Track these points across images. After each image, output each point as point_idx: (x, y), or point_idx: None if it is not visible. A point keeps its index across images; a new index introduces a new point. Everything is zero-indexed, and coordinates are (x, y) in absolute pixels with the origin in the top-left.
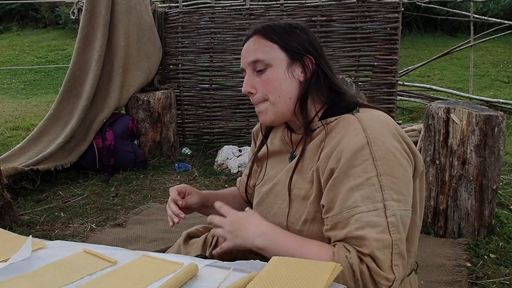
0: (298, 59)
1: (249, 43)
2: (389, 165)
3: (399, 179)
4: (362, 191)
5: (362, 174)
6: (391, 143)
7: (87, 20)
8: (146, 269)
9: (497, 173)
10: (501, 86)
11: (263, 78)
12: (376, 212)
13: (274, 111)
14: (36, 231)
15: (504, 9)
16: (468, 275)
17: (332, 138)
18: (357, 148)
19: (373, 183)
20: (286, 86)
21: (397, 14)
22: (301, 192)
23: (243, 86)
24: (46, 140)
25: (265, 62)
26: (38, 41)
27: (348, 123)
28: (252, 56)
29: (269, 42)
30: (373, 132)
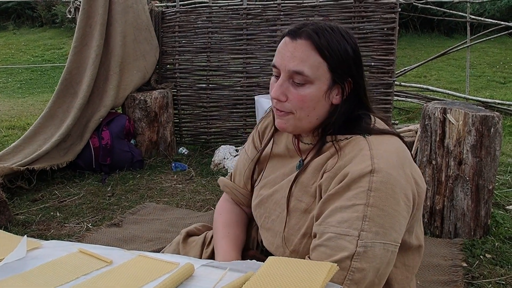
0: (340, 82)
1: (296, 45)
2: (382, 198)
3: (386, 213)
4: (344, 214)
5: (352, 199)
6: (396, 176)
7: (84, 19)
8: (142, 269)
9: (493, 174)
10: (497, 86)
11: (300, 93)
12: (349, 238)
13: (296, 124)
14: (31, 230)
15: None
16: (464, 275)
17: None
18: (359, 175)
19: (357, 210)
20: (319, 108)
21: (394, 14)
22: (302, 205)
23: (274, 90)
24: (42, 138)
25: (308, 79)
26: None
27: (358, 147)
28: (297, 66)
29: (320, 58)
30: (380, 162)
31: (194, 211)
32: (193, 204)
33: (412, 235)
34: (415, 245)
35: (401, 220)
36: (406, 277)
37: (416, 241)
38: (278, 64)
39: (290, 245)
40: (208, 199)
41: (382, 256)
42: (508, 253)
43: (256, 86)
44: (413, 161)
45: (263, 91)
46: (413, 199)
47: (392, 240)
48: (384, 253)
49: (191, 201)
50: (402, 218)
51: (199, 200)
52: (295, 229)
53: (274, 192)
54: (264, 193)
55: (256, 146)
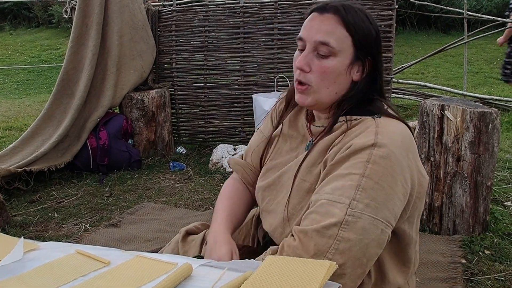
0: (361, 58)
1: (323, 18)
2: (379, 171)
3: (381, 187)
4: (339, 182)
5: (349, 168)
6: (397, 154)
7: (80, 19)
8: (140, 270)
9: (491, 170)
10: (495, 83)
11: (323, 64)
12: (339, 205)
13: (315, 97)
14: (29, 232)
15: (497, 6)
16: (463, 271)
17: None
18: (360, 147)
19: (352, 179)
20: (339, 81)
21: (391, 11)
22: (305, 184)
23: (298, 60)
24: (40, 139)
25: (333, 50)
26: (31, 41)
27: (365, 125)
28: (323, 36)
29: (345, 32)
30: (384, 138)
31: (193, 210)
32: (192, 204)
33: (413, 226)
34: (414, 239)
35: (395, 200)
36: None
37: (415, 234)
38: (305, 36)
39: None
40: (206, 198)
41: (370, 230)
42: (507, 249)
43: (254, 85)
44: (416, 151)
45: (261, 89)
46: (412, 185)
47: (383, 217)
48: (373, 228)
49: (190, 201)
50: (397, 199)
51: (197, 199)
52: (297, 209)
53: (282, 173)
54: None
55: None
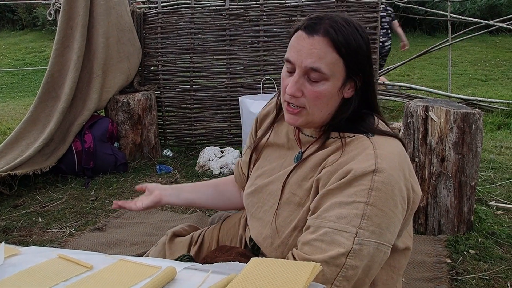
0: (353, 77)
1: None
2: (382, 197)
3: (384, 213)
4: (344, 210)
5: (353, 196)
6: (397, 177)
7: (65, 21)
8: (123, 274)
9: (475, 170)
10: (479, 84)
11: (315, 89)
12: (346, 234)
13: (307, 120)
14: (13, 237)
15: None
16: (448, 271)
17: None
18: (362, 173)
19: (357, 207)
20: (331, 103)
21: (375, 14)
22: (295, 198)
23: (289, 87)
24: (24, 144)
25: (325, 76)
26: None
27: (362, 146)
28: (314, 63)
29: (337, 55)
30: (383, 163)
31: (179, 213)
32: (178, 207)
33: (400, 238)
34: (400, 248)
35: (396, 222)
36: (391, 277)
37: (402, 244)
38: (294, 60)
39: (280, 236)
40: None
41: (375, 255)
42: (491, 248)
43: (240, 87)
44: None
45: (247, 91)
46: (408, 203)
47: (386, 240)
48: (377, 252)
49: None
50: (397, 221)
51: None
52: (286, 221)
53: (269, 182)
54: (259, 182)
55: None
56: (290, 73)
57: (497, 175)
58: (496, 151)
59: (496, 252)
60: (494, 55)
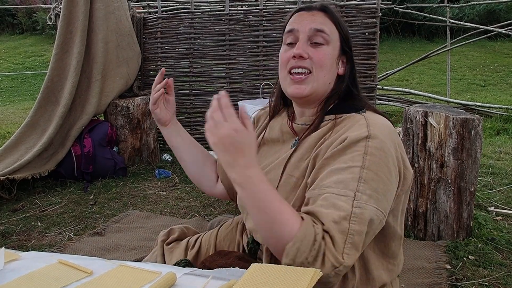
0: (345, 53)
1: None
2: (376, 162)
3: (380, 178)
4: (340, 176)
5: (348, 161)
6: (388, 146)
7: (65, 25)
8: (123, 279)
9: (474, 176)
10: (478, 89)
11: (319, 51)
12: (344, 198)
13: (314, 86)
14: (12, 241)
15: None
16: (448, 277)
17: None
18: (355, 139)
19: (353, 172)
20: (332, 71)
21: (375, 19)
22: (292, 180)
23: (297, 47)
24: (23, 148)
25: (327, 38)
26: (15, 47)
27: (355, 119)
28: (318, 25)
29: (334, 26)
30: (375, 130)
31: (178, 218)
32: (177, 211)
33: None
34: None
35: (391, 190)
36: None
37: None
38: (297, 27)
39: None
40: (192, 205)
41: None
42: (490, 254)
43: (240, 92)
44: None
45: (247, 96)
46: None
47: (382, 208)
48: (376, 219)
49: (175, 208)
50: (392, 189)
51: (183, 207)
52: None
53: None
54: None
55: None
56: (290, 45)
57: (496, 181)
58: (495, 156)
59: (495, 258)
60: (493, 60)
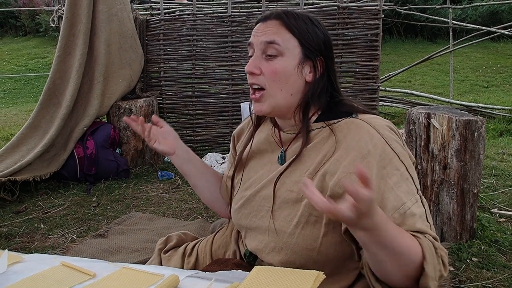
0: (311, 58)
1: (267, 24)
2: (406, 157)
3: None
4: (402, 188)
5: (395, 171)
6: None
7: (68, 28)
8: (126, 282)
9: (477, 177)
10: (481, 90)
11: (272, 65)
12: (417, 204)
13: (271, 103)
14: (15, 243)
15: (482, 15)
16: (451, 279)
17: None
18: (381, 149)
19: (406, 177)
20: (291, 82)
21: (377, 20)
22: (293, 195)
23: (248, 65)
24: (25, 149)
25: (280, 49)
26: (18, 49)
27: (356, 126)
28: (269, 36)
29: (289, 33)
30: (385, 132)
31: (181, 220)
32: (180, 213)
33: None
34: None
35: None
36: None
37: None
38: (253, 40)
39: (282, 238)
40: (195, 207)
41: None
42: (494, 256)
43: (242, 93)
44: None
45: (249, 98)
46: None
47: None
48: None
49: (178, 210)
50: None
51: (186, 208)
52: (287, 220)
53: (261, 188)
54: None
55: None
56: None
57: (499, 182)
58: (498, 158)
59: (499, 260)
60: (495, 61)
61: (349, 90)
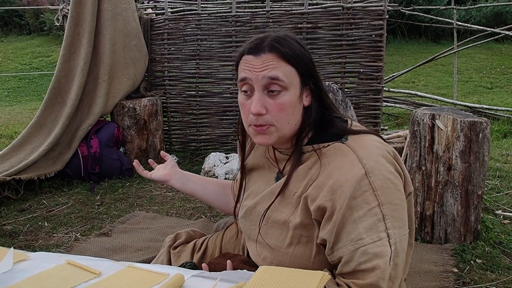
0: (307, 83)
1: (262, 58)
2: (388, 193)
3: (398, 205)
4: (365, 223)
5: (364, 205)
6: (387, 169)
7: (72, 27)
8: (131, 281)
9: (482, 179)
10: (485, 92)
11: (278, 102)
12: (380, 242)
13: (277, 135)
14: (19, 241)
15: (486, 16)
16: (455, 280)
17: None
18: (356, 181)
19: (375, 213)
20: (296, 112)
21: (382, 21)
22: (282, 216)
23: (254, 106)
24: (30, 148)
25: (284, 85)
26: (22, 48)
27: (342, 153)
28: (271, 71)
29: (289, 65)
30: (369, 161)
31: (185, 219)
32: (183, 212)
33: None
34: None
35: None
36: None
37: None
38: (250, 76)
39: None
40: (198, 207)
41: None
42: (498, 258)
43: None
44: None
45: None
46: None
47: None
48: (405, 243)
49: (181, 209)
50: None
51: (189, 208)
52: (279, 239)
53: (256, 204)
54: (248, 204)
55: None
56: (248, 96)
57: (503, 184)
58: (503, 159)
59: (503, 261)
60: (499, 62)
61: (353, 91)
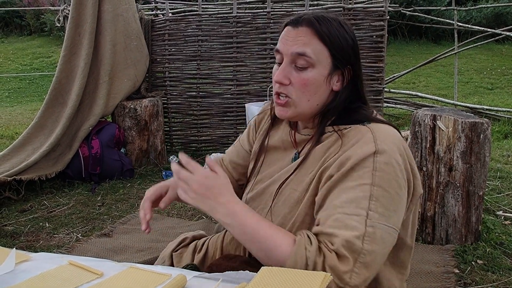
0: (340, 68)
1: (298, 31)
2: (386, 178)
3: (390, 195)
4: (351, 194)
5: (357, 179)
6: (396, 158)
7: (73, 28)
8: (133, 281)
9: (483, 179)
10: (485, 92)
11: (303, 76)
12: (357, 218)
13: (296, 110)
14: (20, 242)
15: (487, 17)
16: (456, 281)
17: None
18: (363, 156)
19: (364, 190)
20: (320, 93)
21: (382, 22)
22: (295, 194)
23: (277, 74)
24: (30, 148)
25: (311, 61)
26: (23, 48)
27: (360, 132)
28: (300, 48)
29: (321, 43)
30: (383, 144)
31: (185, 220)
32: (184, 213)
33: (408, 231)
34: (409, 244)
35: (402, 205)
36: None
37: (410, 240)
38: (281, 49)
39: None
40: None
41: (387, 239)
42: (499, 258)
43: (247, 94)
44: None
45: (254, 98)
46: (408, 186)
47: (394, 224)
48: (388, 237)
49: (182, 210)
50: (403, 204)
51: (190, 208)
52: (287, 218)
53: (270, 183)
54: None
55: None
56: (279, 64)
57: (504, 185)
58: (503, 160)
59: (504, 262)
60: (500, 63)
61: None
